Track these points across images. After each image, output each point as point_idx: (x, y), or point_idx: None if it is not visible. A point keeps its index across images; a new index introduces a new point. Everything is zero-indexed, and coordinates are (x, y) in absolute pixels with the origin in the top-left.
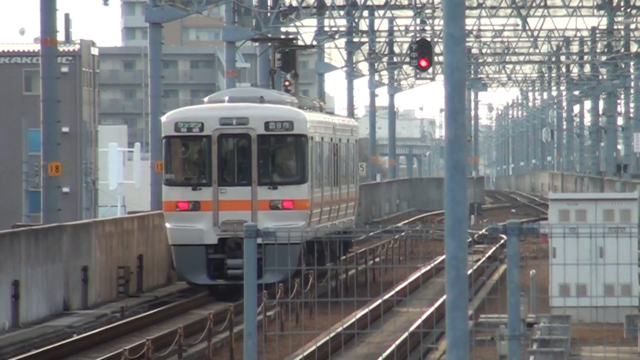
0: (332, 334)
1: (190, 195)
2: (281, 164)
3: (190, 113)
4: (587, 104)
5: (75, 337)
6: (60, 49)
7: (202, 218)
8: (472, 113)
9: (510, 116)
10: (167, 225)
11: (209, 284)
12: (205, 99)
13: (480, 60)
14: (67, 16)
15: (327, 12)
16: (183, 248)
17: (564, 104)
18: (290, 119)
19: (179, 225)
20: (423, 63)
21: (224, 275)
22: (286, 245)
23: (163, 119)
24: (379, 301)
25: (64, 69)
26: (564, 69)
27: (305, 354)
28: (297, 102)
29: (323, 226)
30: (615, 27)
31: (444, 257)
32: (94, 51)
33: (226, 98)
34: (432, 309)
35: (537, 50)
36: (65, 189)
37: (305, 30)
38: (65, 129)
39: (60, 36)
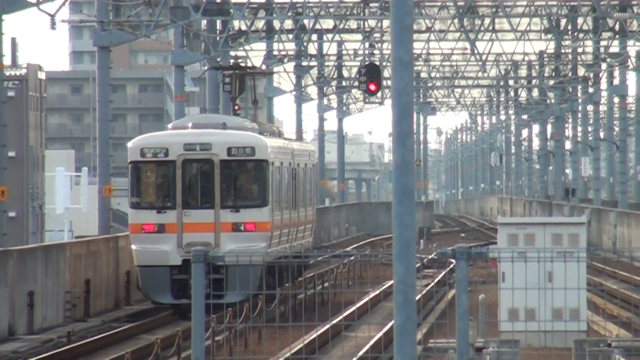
0: (280, 359)
1: (155, 218)
2: (243, 187)
3: (155, 139)
4: (536, 128)
5: None
6: (7, 73)
7: (166, 240)
8: (421, 137)
9: (459, 140)
10: (133, 246)
11: (173, 303)
12: (170, 126)
13: (429, 84)
14: (13, 40)
15: (276, 36)
16: (148, 268)
17: (513, 128)
18: (251, 144)
19: (144, 246)
20: (372, 87)
21: (188, 295)
22: (248, 267)
23: (129, 144)
24: (327, 326)
25: (11, 93)
26: (512, 93)
27: None
28: (258, 128)
29: (283, 247)
30: (562, 51)
31: (392, 281)
32: (41, 75)
33: (190, 124)
34: (380, 334)
35: (485, 74)
36: (12, 214)
37: (254, 54)
38: (11, 154)
39: (7, 60)
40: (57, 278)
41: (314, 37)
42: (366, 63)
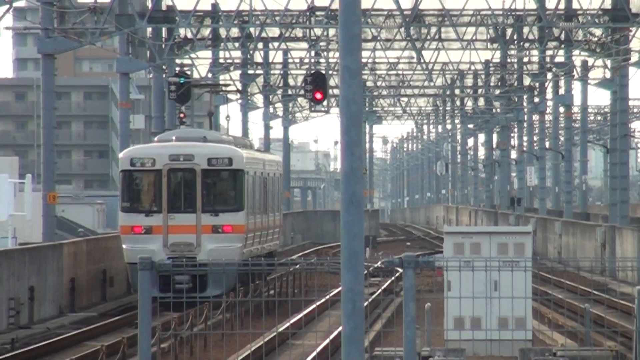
0: None
1: (143, 221)
2: (221, 194)
3: (143, 150)
4: (481, 137)
5: None
6: None
7: (153, 240)
8: (367, 146)
9: (405, 149)
10: (124, 246)
11: (159, 297)
12: (155, 138)
13: (375, 93)
14: None
15: (222, 44)
16: (137, 266)
17: (459, 137)
18: (229, 155)
19: (133, 246)
20: (318, 95)
21: (172, 290)
22: (226, 264)
23: (120, 155)
24: (274, 334)
25: None
26: (458, 102)
27: None
28: (234, 141)
29: (256, 248)
30: (508, 60)
31: (339, 289)
32: None
33: (174, 137)
34: (327, 341)
35: (431, 84)
36: None
37: (200, 62)
38: None
39: None
40: (0, 284)
41: (260, 45)
42: (312, 71)
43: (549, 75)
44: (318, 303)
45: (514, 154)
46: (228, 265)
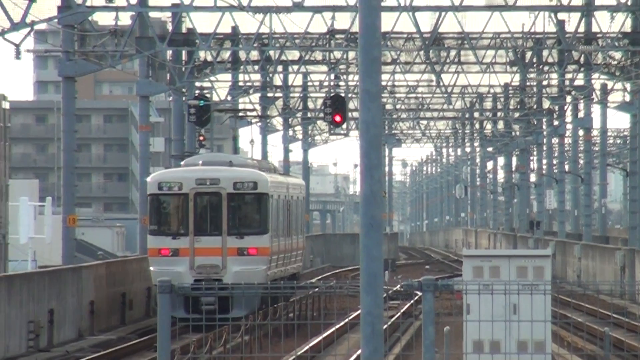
0: None
1: (171, 243)
2: (247, 217)
3: (171, 175)
4: (501, 160)
5: None
6: None
7: (180, 262)
8: (387, 169)
9: (424, 172)
10: (151, 268)
11: (186, 317)
12: (182, 163)
13: (395, 116)
14: None
15: (242, 67)
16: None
17: (478, 160)
18: (254, 180)
19: (161, 268)
20: (337, 118)
21: (199, 311)
22: (251, 285)
23: (148, 179)
24: (293, 357)
25: None
26: (477, 125)
27: None
28: (258, 165)
29: (280, 270)
30: (527, 83)
31: (358, 312)
32: (5, 105)
33: (200, 162)
34: None
35: (451, 107)
36: None
37: (220, 85)
38: None
39: None
40: (20, 307)
41: (280, 68)
42: (331, 94)
43: (569, 99)
44: (337, 326)
45: (533, 177)
46: (248, 287)
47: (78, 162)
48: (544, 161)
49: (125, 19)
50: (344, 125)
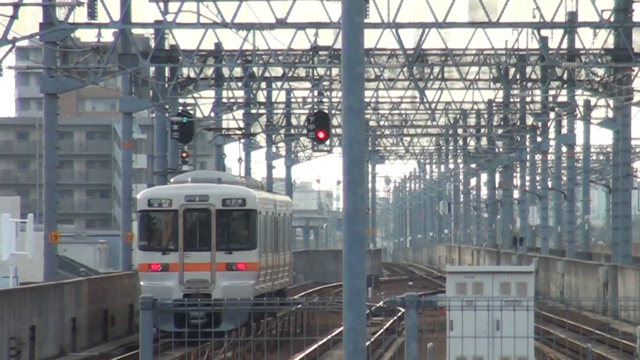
0: None
1: (160, 259)
2: (235, 233)
3: (160, 191)
4: (484, 177)
5: None
6: None
7: (170, 277)
8: (370, 185)
9: (407, 189)
10: (142, 282)
11: (175, 331)
12: (172, 180)
13: (378, 133)
14: None
15: (225, 84)
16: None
17: (461, 176)
18: (243, 196)
19: (151, 283)
20: (320, 135)
21: (188, 325)
22: (235, 301)
23: (138, 196)
24: None
25: None
26: (460, 142)
27: None
28: (246, 182)
29: (267, 285)
30: (511, 100)
31: (341, 329)
32: None
33: (189, 179)
34: None
35: (434, 123)
36: None
37: (203, 102)
38: None
39: None
40: (1, 324)
41: (263, 84)
42: (315, 111)
43: (552, 115)
44: (320, 343)
45: (516, 194)
46: (231, 304)
47: (60, 179)
48: (527, 177)
49: (108, 35)
50: (328, 142)
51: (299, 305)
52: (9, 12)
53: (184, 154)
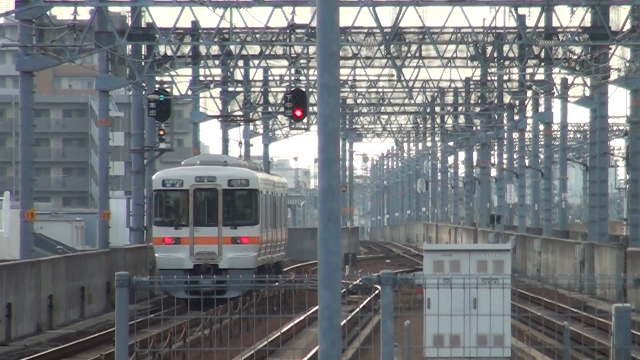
0: None
1: (173, 233)
2: (240, 210)
3: (173, 173)
4: (461, 155)
5: None
6: None
7: (182, 249)
8: (347, 163)
9: (385, 167)
10: (157, 254)
11: (186, 298)
12: (182, 162)
13: (355, 111)
14: None
15: (202, 62)
16: (168, 271)
17: (439, 154)
18: (246, 177)
19: (165, 254)
20: (298, 113)
21: (198, 292)
22: (244, 270)
23: (153, 177)
24: (252, 351)
25: None
26: (438, 120)
27: None
28: (249, 165)
29: (268, 257)
30: (488, 78)
31: (317, 307)
32: None
33: (198, 162)
34: (305, 359)
35: (412, 101)
36: None
37: (180, 80)
38: None
39: None
40: None
41: (240, 62)
42: (292, 89)
43: (529, 93)
44: (296, 321)
45: (494, 172)
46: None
47: (37, 157)
48: (505, 156)
49: (84, 13)
50: (305, 120)
51: (276, 283)
52: None
53: (161, 132)
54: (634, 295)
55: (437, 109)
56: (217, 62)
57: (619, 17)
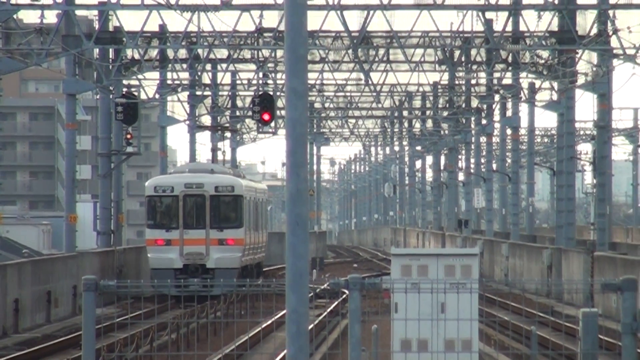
0: None
1: (164, 235)
2: (226, 214)
3: (164, 180)
4: (429, 159)
5: None
6: None
7: (172, 250)
8: (315, 167)
9: (352, 171)
10: (149, 255)
11: (176, 295)
12: (172, 170)
13: (323, 115)
14: None
15: (170, 65)
16: (160, 270)
17: (406, 159)
18: (232, 184)
19: (157, 255)
20: (265, 117)
21: (187, 290)
22: (230, 269)
23: (146, 184)
24: (220, 355)
25: None
26: (406, 124)
27: None
28: (233, 173)
29: (251, 258)
30: (456, 82)
31: (284, 311)
32: None
33: (187, 170)
34: None
35: (379, 105)
36: None
37: (148, 83)
38: None
39: None
40: None
41: (208, 66)
42: (260, 93)
43: (497, 97)
44: (264, 325)
45: (461, 176)
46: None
47: (3, 160)
48: (472, 160)
49: (51, 17)
50: (272, 124)
51: (243, 288)
52: None
53: (128, 136)
54: (601, 300)
55: (405, 113)
56: (184, 65)
57: (586, 21)
